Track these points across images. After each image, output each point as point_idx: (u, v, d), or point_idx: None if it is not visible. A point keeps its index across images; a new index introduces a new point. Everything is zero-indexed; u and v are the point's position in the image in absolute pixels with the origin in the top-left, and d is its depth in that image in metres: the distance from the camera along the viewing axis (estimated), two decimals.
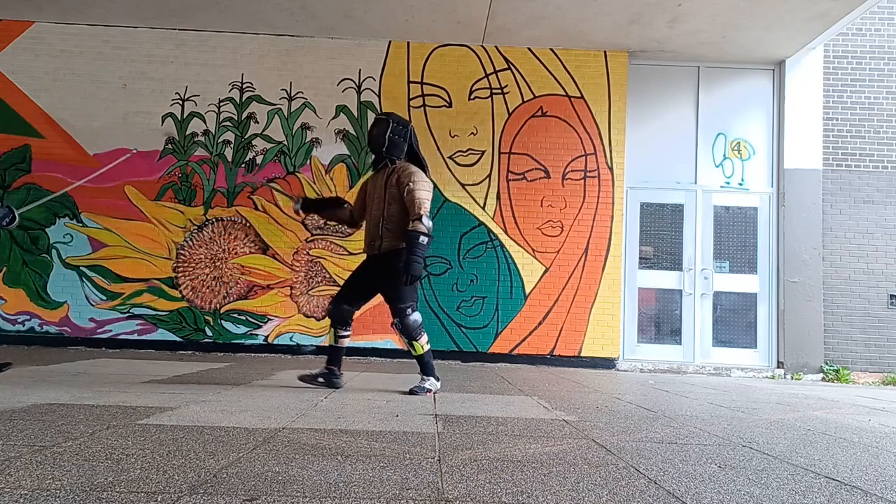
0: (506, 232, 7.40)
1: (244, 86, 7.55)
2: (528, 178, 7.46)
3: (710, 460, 2.48)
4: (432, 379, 4.27)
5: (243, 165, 7.44)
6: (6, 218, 4.12)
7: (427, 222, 4.08)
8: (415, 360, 4.31)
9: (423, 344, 4.22)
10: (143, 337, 7.21)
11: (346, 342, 4.34)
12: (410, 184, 4.13)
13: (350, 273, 4.60)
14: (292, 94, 7.53)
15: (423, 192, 4.13)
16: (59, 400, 3.31)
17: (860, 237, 7.60)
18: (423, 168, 4.33)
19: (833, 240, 7.59)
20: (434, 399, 3.99)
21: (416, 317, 4.16)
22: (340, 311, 4.28)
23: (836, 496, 2.02)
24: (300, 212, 4.56)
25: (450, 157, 7.47)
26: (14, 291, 7.19)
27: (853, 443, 3.07)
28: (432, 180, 4.38)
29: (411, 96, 7.54)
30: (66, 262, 7.25)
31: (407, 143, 4.32)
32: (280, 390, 4.10)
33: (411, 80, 7.56)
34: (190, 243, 7.33)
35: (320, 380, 4.28)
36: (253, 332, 7.23)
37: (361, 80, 7.56)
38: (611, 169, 7.48)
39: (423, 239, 4.04)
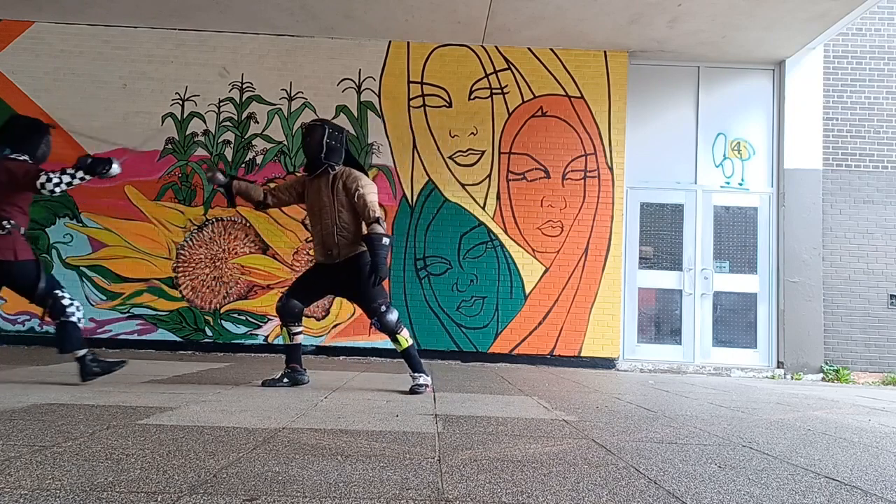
0: (506, 232, 7.40)
1: (244, 86, 7.55)
2: (528, 178, 7.46)
3: (710, 460, 2.48)
4: (423, 375, 4.30)
5: (243, 165, 7.44)
6: (105, 167, 3.91)
7: (383, 223, 4.10)
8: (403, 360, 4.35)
9: (406, 337, 4.27)
10: (143, 337, 7.21)
11: (301, 338, 4.38)
12: (360, 189, 4.14)
13: (300, 275, 4.61)
14: (292, 94, 7.53)
15: (372, 195, 4.16)
16: (59, 400, 3.31)
17: (860, 237, 7.60)
18: (363, 171, 4.34)
19: (833, 240, 7.59)
20: (434, 399, 3.99)
21: (392, 313, 4.19)
22: (292, 306, 4.30)
23: (836, 496, 2.02)
24: (215, 182, 4.38)
25: (450, 157, 7.47)
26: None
27: (853, 443, 3.07)
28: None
29: (411, 96, 7.54)
30: (66, 262, 7.25)
31: (344, 147, 4.30)
32: (280, 390, 4.10)
33: (411, 80, 7.56)
34: (190, 243, 7.33)
35: (285, 381, 4.30)
36: (253, 332, 7.23)
37: (361, 80, 7.56)
38: (611, 169, 7.48)
39: (386, 240, 4.06)
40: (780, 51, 7.46)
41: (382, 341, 7.24)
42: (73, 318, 3.95)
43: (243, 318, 7.25)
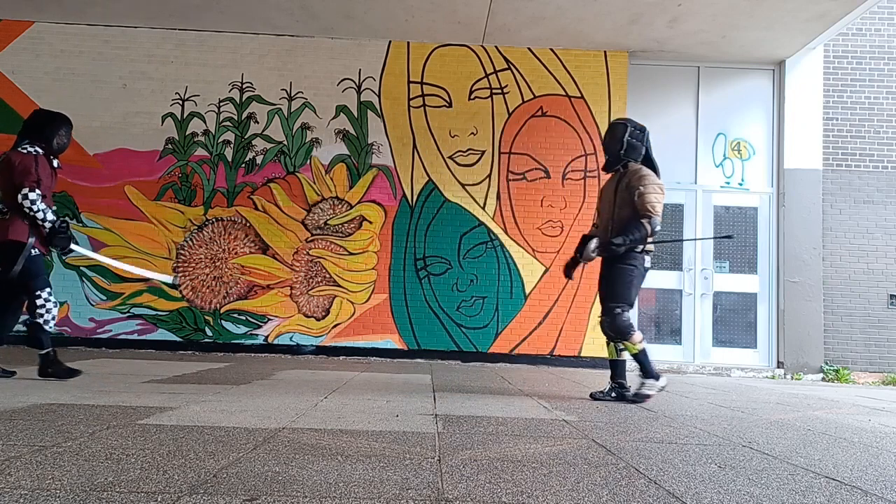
0: (506, 232, 7.40)
1: (244, 86, 7.55)
2: (528, 178, 7.46)
3: (710, 460, 2.48)
4: (651, 380, 4.14)
5: (243, 165, 7.44)
6: (64, 244, 4.14)
7: (654, 223, 4.07)
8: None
9: (637, 342, 4.10)
10: (143, 337, 7.21)
11: (626, 354, 4.26)
12: (641, 187, 4.10)
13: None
14: (292, 94, 7.53)
15: (654, 195, 4.10)
16: (59, 400, 3.31)
17: (860, 237, 7.60)
18: (656, 172, 4.30)
19: (833, 240, 7.59)
20: (434, 399, 3.99)
21: (625, 319, 4.10)
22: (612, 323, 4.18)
23: (836, 496, 2.02)
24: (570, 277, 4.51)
25: (450, 157, 7.47)
26: None
27: (853, 443, 3.07)
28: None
29: (411, 96, 7.54)
30: (66, 262, 7.25)
31: (644, 146, 4.31)
32: (280, 390, 4.10)
33: (411, 80, 7.56)
34: (190, 243, 7.33)
35: (612, 395, 4.25)
36: (253, 332, 7.23)
37: (361, 80, 7.56)
38: None
39: (645, 231, 4.03)
40: (780, 51, 7.46)
41: (383, 341, 7.25)
42: (40, 321, 4.10)
43: (243, 318, 7.25)
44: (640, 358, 4.14)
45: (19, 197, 3.93)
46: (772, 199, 7.68)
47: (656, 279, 7.64)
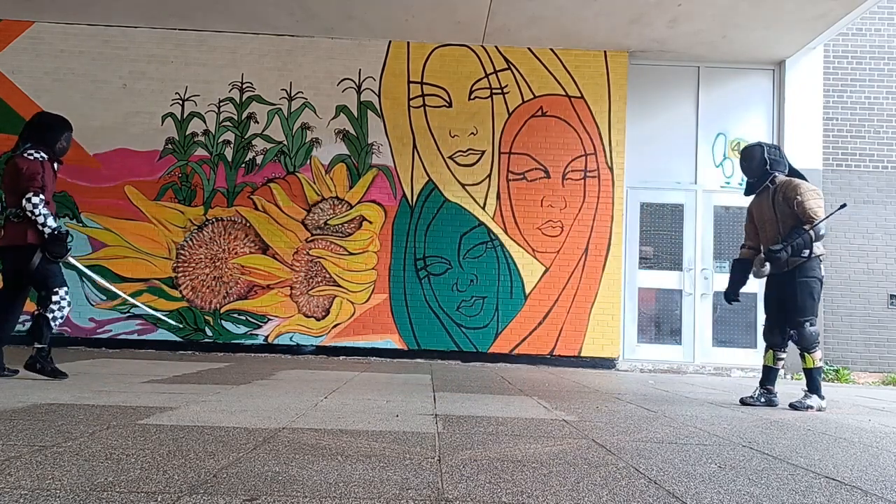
0: (506, 232, 7.40)
1: (244, 86, 7.55)
2: (528, 178, 7.46)
3: (710, 460, 2.48)
4: (815, 397, 4.27)
5: (243, 165, 7.44)
6: (59, 252, 4.23)
7: (818, 228, 4.12)
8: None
9: (817, 359, 4.25)
10: (143, 337, 7.21)
11: (782, 363, 4.55)
12: (798, 196, 4.18)
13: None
14: (292, 94, 7.53)
15: (813, 201, 4.16)
16: (59, 400, 3.31)
17: (860, 237, 7.60)
18: (804, 178, 4.38)
19: (833, 240, 7.59)
20: (434, 399, 3.99)
21: (813, 329, 4.22)
22: (773, 334, 4.47)
23: (836, 496, 2.02)
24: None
25: (450, 157, 7.47)
26: None
27: (853, 443, 3.07)
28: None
29: (411, 96, 7.54)
30: (65, 262, 7.23)
31: (784, 160, 4.43)
32: (280, 390, 4.10)
33: (411, 80, 7.56)
34: (190, 243, 7.33)
35: (762, 400, 4.40)
36: (253, 332, 7.23)
37: (361, 80, 7.56)
38: (611, 169, 7.47)
39: (808, 236, 4.10)
40: (780, 51, 7.46)
41: (383, 341, 7.25)
42: (49, 315, 4.19)
43: (243, 318, 7.25)
44: (814, 374, 4.30)
45: (23, 201, 4.03)
46: None
47: (656, 279, 7.65)
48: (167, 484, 1.82)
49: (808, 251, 4.15)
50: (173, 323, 6.92)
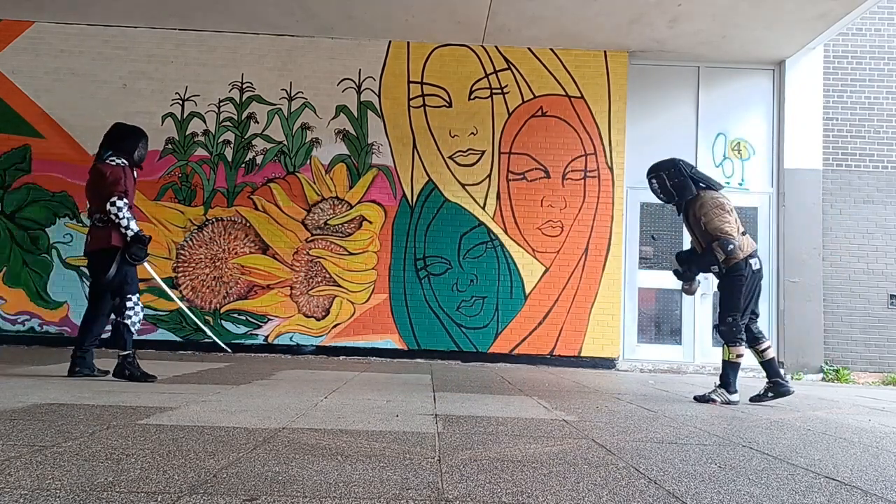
0: (506, 232, 7.40)
1: (244, 86, 7.54)
2: (528, 178, 7.46)
3: (710, 460, 2.48)
4: (723, 391, 4.39)
5: (243, 165, 7.44)
6: (138, 256, 4.32)
7: (724, 246, 4.30)
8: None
9: (734, 354, 4.42)
10: (143, 337, 7.19)
11: (771, 352, 4.65)
12: (703, 217, 4.39)
13: None
14: (292, 94, 7.53)
15: (717, 219, 4.34)
16: (59, 400, 3.31)
17: (860, 237, 7.60)
18: (711, 185, 4.54)
19: (833, 240, 7.59)
20: (434, 399, 3.99)
21: (731, 327, 4.42)
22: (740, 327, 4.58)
23: (836, 496, 2.02)
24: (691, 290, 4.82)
25: (450, 157, 7.47)
26: (14, 291, 7.19)
27: (853, 443, 3.07)
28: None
29: (411, 96, 7.54)
30: (66, 262, 7.24)
31: (687, 177, 4.52)
32: (280, 390, 4.10)
33: (411, 80, 7.56)
34: (190, 243, 7.33)
35: (770, 394, 4.52)
36: (253, 332, 7.23)
37: (361, 80, 7.55)
38: (611, 169, 7.47)
39: (720, 255, 4.33)
40: (781, 51, 7.46)
41: (383, 341, 7.25)
42: (128, 321, 4.33)
43: (243, 318, 7.25)
44: (727, 367, 4.44)
45: (107, 204, 4.21)
46: (772, 199, 7.68)
47: (656, 279, 7.64)
48: (167, 484, 1.82)
49: (717, 268, 4.41)
50: (219, 342, 7.11)
